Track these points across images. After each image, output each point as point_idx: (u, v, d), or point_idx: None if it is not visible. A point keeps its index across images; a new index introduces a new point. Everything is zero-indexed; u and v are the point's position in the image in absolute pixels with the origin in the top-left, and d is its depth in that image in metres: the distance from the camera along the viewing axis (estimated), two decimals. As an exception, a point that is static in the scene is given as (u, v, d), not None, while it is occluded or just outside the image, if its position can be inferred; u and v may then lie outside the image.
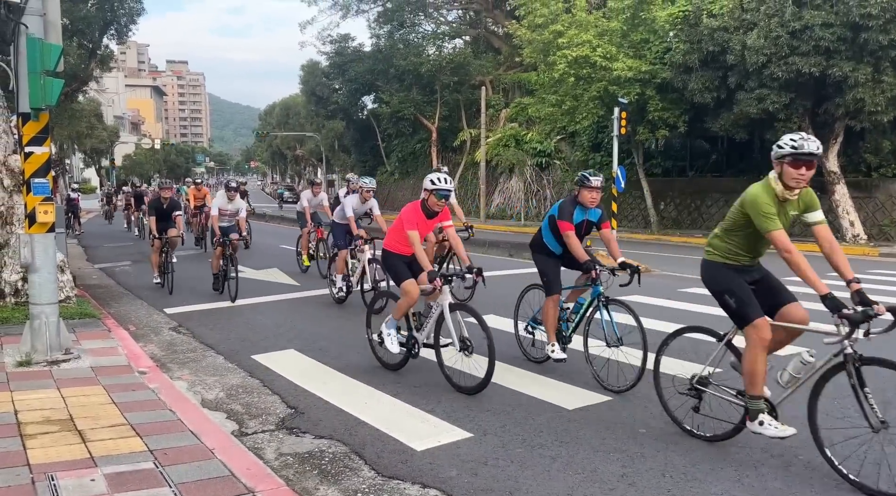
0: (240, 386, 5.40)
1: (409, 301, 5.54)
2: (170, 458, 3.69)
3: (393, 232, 5.80)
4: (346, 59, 39.70)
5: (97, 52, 23.99)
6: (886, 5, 14.32)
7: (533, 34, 22.10)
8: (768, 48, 15.90)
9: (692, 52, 17.85)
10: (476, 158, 32.78)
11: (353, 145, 47.11)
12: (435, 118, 35.95)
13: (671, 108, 19.67)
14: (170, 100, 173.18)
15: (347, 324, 7.71)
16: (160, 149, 79.50)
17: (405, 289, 5.56)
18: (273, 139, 70.37)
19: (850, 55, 15.36)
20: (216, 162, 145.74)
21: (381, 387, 5.30)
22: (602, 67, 19.50)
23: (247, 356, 6.32)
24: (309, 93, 44.90)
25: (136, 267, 13.71)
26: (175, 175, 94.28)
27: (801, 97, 16.66)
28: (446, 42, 39.57)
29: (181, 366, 5.99)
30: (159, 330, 7.56)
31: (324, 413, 4.71)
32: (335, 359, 6.21)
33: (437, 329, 5.46)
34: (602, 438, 4.19)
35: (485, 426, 4.41)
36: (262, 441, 4.20)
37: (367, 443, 4.14)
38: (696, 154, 24.56)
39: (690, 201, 23.11)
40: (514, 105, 33.35)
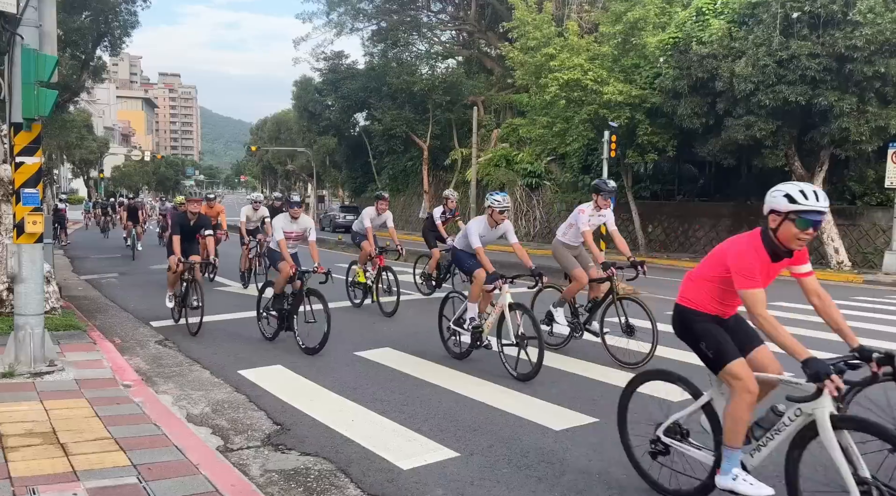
0: (226, 401, 5.37)
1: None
2: (154, 473, 3.66)
3: None
4: (340, 76, 39.93)
5: (90, 64, 24.01)
6: (871, 38, 14.63)
7: (525, 56, 22.35)
8: (756, 76, 16.16)
9: (682, 78, 18.10)
10: (467, 177, 32.94)
11: (344, 161, 47.21)
12: (427, 136, 36.15)
13: (660, 133, 19.90)
14: (161, 112, 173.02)
15: (333, 341, 7.68)
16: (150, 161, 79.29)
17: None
18: (264, 154, 70.37)
19: (835, 85, 15.64)
20: (206, 175, 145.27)
21: (368, 404, 5.28)
22: (593, 91, 19.72)
23: (233, 371, 6.29)
24: (301, 108, 45.03)
25: (123, 279, 13.62)
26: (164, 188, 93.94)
27: (788, 125, 16.92)
28: (439, 62, 39.90)
29: (167, 380, 5.94)
30: (145, 343, 7.50)
31: (310, 430, 4.68)
32: (323, 375, 6.19)
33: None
34: (588, 460, 4.19)
35: (472, 446, 4.40)
36: (247, 457, 4.17)
37: (353, 460, 4.12)
38: (685, 178, 24.81)
39: (678, 225, 23.31)
40: (506, 125, 33.61)
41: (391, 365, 6.57)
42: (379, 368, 6.47)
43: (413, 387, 5.82)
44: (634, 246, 22.91)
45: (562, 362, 6.72)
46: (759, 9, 16.44)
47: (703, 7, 18.54)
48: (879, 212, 18.24)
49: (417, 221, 36.70)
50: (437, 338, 7.45)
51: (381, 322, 9.03)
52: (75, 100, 28.01)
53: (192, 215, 8.74)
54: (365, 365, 6.61)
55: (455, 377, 6.14)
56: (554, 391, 5.70)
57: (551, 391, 5.70)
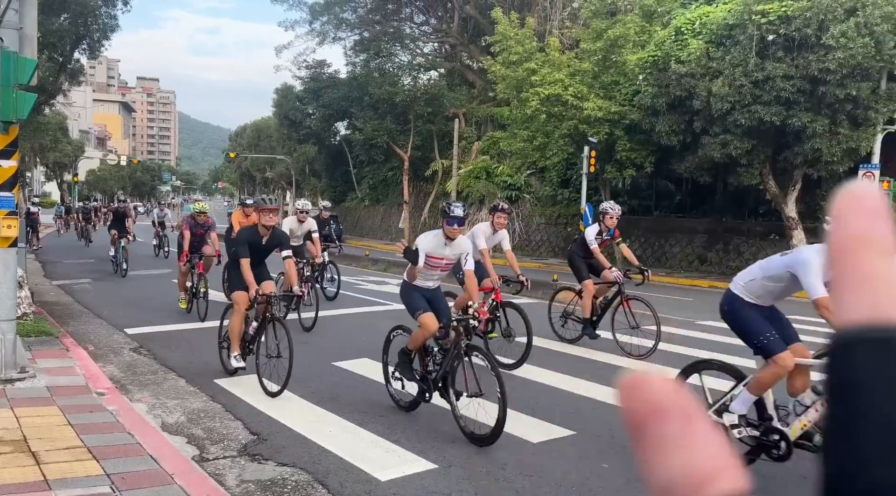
0: (202, 410, 5.31)
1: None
2: (127, 483, 3.61)
3: None
4: (321, 85, 39.87)
5: (67, 66, 23.70)
6: (843, 61, 15.02)
7: (507, 70, 22.55)
8: (732, 96, 16.48)
9: (660, 95, 18.39)
10: (447, 189, 33.03)
11: (324, 170, 47.08)
12: (408, 147, 36.21)
13: (639, 149, 20.17)
14: (138, 116, 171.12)
15: (314, 352, 7.64)
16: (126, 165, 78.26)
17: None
18: (243, 160, 69.87)
19: (808, 107, 16.01)
20: (183, 181, 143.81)
21: (346, 415, 5.26)
22: (573, 106, 19.95)
23: (210, 380, 6.22)
24: (282, 116, 44.84)
25: (97, 285, 13.40)
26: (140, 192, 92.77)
27: (763, 144, 17.26)
28: (422, 73, 40.08)
29: (141, 389, 5.86)
30: (119, 350, 7.39)
31: (287, 440, 4.65)
32: (300, 385, 6.14)
33: None
34: (565, 472, 4.22)
35: (450, 458, 4.40)
36: (223, 467, 4.13)
37: (330, 471, 4.10)
38: (662, 194, 25.15)
39: (655, 240, 23.59)
40: (487, 138, 33.82)
41: (370, 375, 6.55)
42: (358, 379, 6.45)
43: (389, 398, 5.80)
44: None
45: (541, 375, 6.76)
46: (736, 30, 16.81)
47: (682, 27, 18.90)
48: (850, 231, 18.69)
49: (397, 231, 36.68)
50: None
51: (360, 332, 8.99)
52: (51, 102, 27.58)
53: (266, 230, 6.54)
54: (344, 375, 6.58)
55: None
56: (533, 404, 5.72)
57: (530, 404, 5.72)
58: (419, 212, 37.28)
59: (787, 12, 15.69)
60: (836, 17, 15.17)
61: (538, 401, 5.82)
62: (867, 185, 0.31)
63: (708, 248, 21.51)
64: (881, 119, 16.05)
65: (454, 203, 5.46)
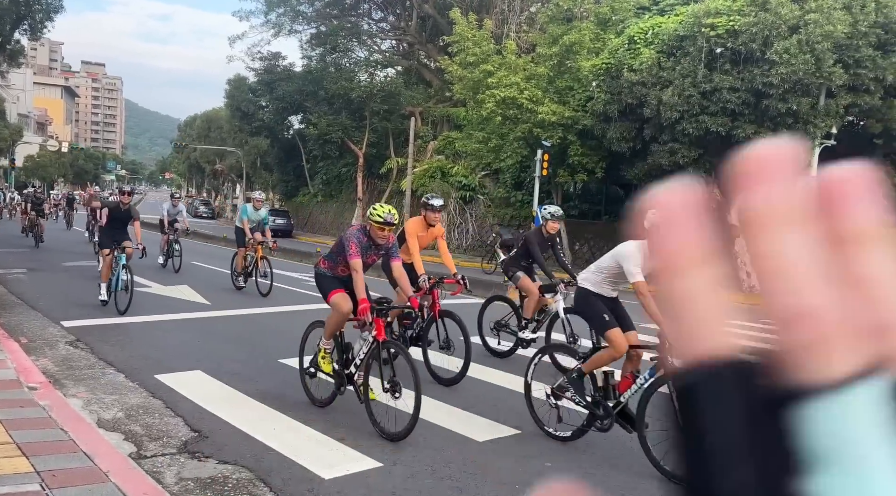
0: (140, 406, 5.16)
1: None
2: (59, 481, 3.48)
3: None
4: (276, 78, 39.22)
5: (6, 47, 22.70)
6: (785, 77, 15.62)
7: (464, 71, 22.64)
8: (681, 105, 16.94)
9: (612, 102, 18.77)
10: (402, 187, 32.95)
11: (276, 164, 46.31)
12: (363, 144, 35.96)
13: (590, 154, 20.53)
14: (82, 102, 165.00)
15: (259, 348, 7.52)
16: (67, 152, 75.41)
17: None
18: (192, 151, 68.16)
19: (752, 119, 16.59)
20: (128, 170, 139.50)
21: (291, 413, 5.19)
22: (528, 110, 20.18)
23: (150, 375, 6.04)
24: (234, 107, 43.91)
25: (33, 275, 12.86)
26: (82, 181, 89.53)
27: (709, 154, 17.80)
28: (378, 70, 39.82)
29: (77, 383, 5.66)
30: (54, 343, 7.11)
31: (229, 438, 4.56)
32: (245, 382, 6.03)
33: None
34: (509, 471, 4.26)
35: (395, 456, 4.40)
36: (161, 464, 4.02)
37: (273, 470, 4.04)
38: (611, 199, 25.67)
39: (603, 243, 24.05)
40: (442, 138, 33.87)
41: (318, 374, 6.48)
42: (304, 376, 6.36)
43: (338, 396, 5.75)
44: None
45: (487, 374, 6.81)
46: (686, 42, 17.29)
47: (636, 36, 19.32)
48: (788, 240, 19.46)
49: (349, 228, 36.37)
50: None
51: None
52: (-12, 83, 26.37)
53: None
54: (290, 372, 6.49)
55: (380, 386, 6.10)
56: (479, 403, 5.76)
57: (476, 402, 5.76)
58: (372, 209, 37.00)
59: (734, 27, 16.22)
60: (780, 33, 15.76)
61: (484, 399, 5.86)
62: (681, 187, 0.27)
63: (654, 253, 22.03)
64: (819, 133, 16.75)
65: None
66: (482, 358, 7.56)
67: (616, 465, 4.48)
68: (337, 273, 5.48)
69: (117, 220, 9.70)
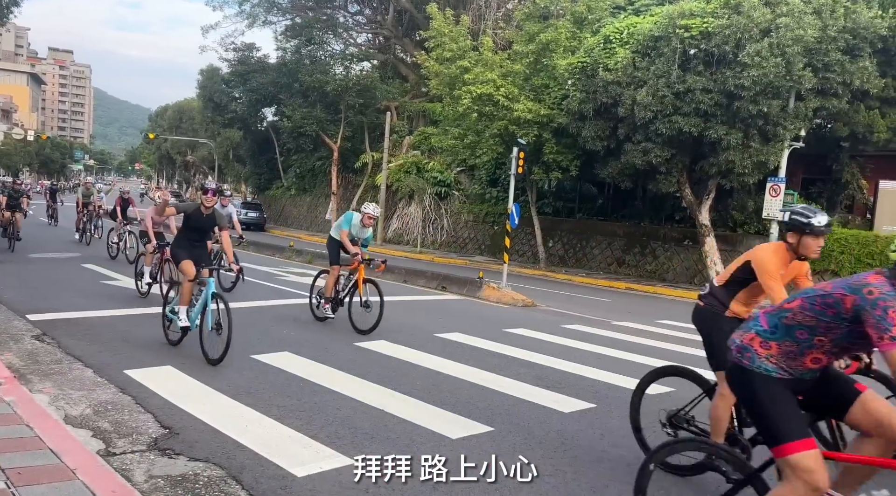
0: (109, 402, 5.07)
1: None
2: (24, 478, 3.41)
3: None
4: (249, 69, 38.71)
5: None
6: (757, 79, 15.89)
7: (440, 67, 22.60)
8: (655, 105, 17.13)
9: (587, 101, 18.91)
10: (377, 182, 32.81)
11: (249, 156, 45.76)
12: (338, 137, 35.70)
13: (565, 152, 20.66)
14: (49, 89, 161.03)
15: (232, 344, 7.43)
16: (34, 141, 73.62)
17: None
18: (163, 142, 67.03)
19: (724, 120, 16.85)
20: (97, 160, 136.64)
21: (263, 409, 5.15)
22: (504, 107, 20.22)
23: (119, 371, 5.94)
24: (206, 98, 43.25)
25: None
26: (49, 170, 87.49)
27: (682, 154, 18.04)
28: (354, 63, 39.51)
29: (43, 379, 5.54)
30: (19, 337, 6.95)
31: (201, 434, 4.51)
32: (216, 378, 5.97)
33: None
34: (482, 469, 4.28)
35: (367, 453, 4.39)
36: (130, 462, 3.96)
37: (245, 467, 4.01)
38: (585, 197, 25.89)
39: (577, 241, 24.26)
40: (418, 133, 33.79)
41: (290, 369, 6.45)
42: (277, 373, 6.33)
43: (311, 392, 5.73)
44: (535, 259, 23.66)
45: (460, 371, 6.83)
46: (661, 42, 17.48)
47: (611, 35, 19.48)
48: (757, 239, 19.77)
49: (324, 223, 36.13)
50: (339, 343, 7.40)
51: (281, 324, 8.82)
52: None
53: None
54: (262, 369, 6.45)
55: (354, 383, 6.10)
56: (452, 400, 5.78)
57: (450, 400, 5.78)
58: (347, 203, 36.82)
59: (708, 28, 16.44)
60: (751, 36, 16.02)
61: (457, 397, 5.88)
62: None
63: (626, 251, 22.30)
64: (788, 135, 17.08)
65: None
66: (455, 354, 7.59)
67: (600, 459, 4.53)
68: None
69: (196, 230, 7.37)
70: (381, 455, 4.36)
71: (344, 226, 8.93)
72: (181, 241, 7.41)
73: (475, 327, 9.57)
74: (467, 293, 13.92)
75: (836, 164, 19.44)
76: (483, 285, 13.96)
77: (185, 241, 7.33)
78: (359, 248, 8.86)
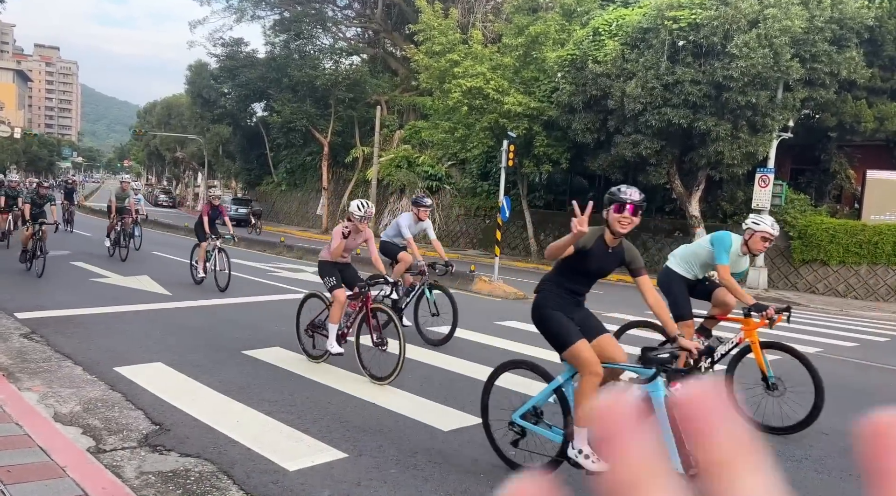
0: (99, 399, 5.05)
1: None
2: (13, 476, 3.39)
3: None
4: (238, 64, 38.48)
5: (-45, 27, 21.79)
6: (745, 70, 15.95)
7: (430, 60, 22.55)
8: (644, 97, 17.17)
9: (577, 93, 18.92)
10: (367, 176, 32.73)
11: (238, 152, 45.54)
12: (328, 132, 35.57)
13: (555, 145, 20.68)
14: (36, 86, 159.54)
15: (221, 339, 7.42)
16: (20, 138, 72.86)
17: None
18: (151, 138, 66.52)
19: (713, 111, 16.91)
20: (85, 157, 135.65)
21: (255, 404, 5.14)
22: (494, 100, 20.21)
23: (109, 368, 5.92)
24: (195, 94, 42.98)
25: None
26: (36, 168, 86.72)
27: (671, 145, 18.09)
28: (343, 58, 39.36)
29: (32, 377, 5.51)
30: (8, 336, 6.91)
31: (192, 430, 4.50)
32: (207, 374, 5.95)
33: None
34: (474, 459, 4.30)
35: (360, 446, 4.40)
36: (121, 458, 3.95)
37: (236, 462, 4.01)
38: (576, 190, 25.92)
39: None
40: (409, 127, 33.71)
41: (281, 365, 6.44)
42: (268, 368, 6.32)
43: (303, 387, 5.73)
44: (527, 252, 23.68)
45: (452, 364, 6.85)
46: (649, 34, 17.50)
47: (600, 28, 19.48)
48: (746, 230, 19.91)
49: (314, 218, 36.03)
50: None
51: (272, 320, 8.80)
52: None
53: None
54: (253, 364, 6.43)
55: (345, 377, 6.10)
56: (444, 392, 5.79)
57: (442, 392, 5.79)
58: (338, 198, 36.73)
59: (696, 20, 16.47)
60: (739, 27, 16.07)
61: (449, 389, 5.89)
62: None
63: (617, 243, 22.35)
64: (777, 126, 17.16)
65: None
66: (447, 347, 7.60)
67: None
68: None
69: None
70: (374, 448, 4.37)
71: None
72: None
73: (467, 320, 9.58)
74: (459, 286, 13.92)
75: (825, 154, 19.56)
76: (475, 278, 13.97)
77: None
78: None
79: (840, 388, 7.16)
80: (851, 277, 18.13)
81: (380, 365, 5.97)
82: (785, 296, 17.17)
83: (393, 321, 6.05)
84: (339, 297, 6.32)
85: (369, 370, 6.02)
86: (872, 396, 6.92)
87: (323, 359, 6.58)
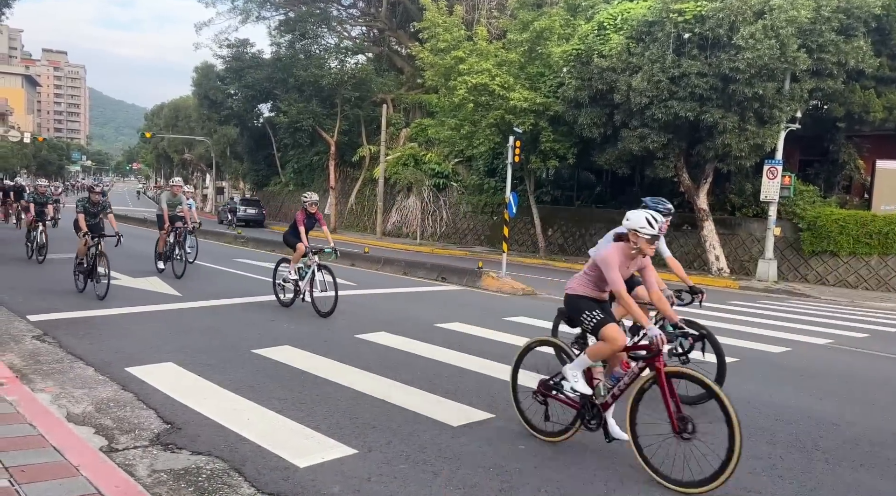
0: (111, 399, 5.10)
1: None
2: (28, 476, 3.43)
3: None
4: (244, 65, 38.60)
5: (-37, 33, 21.96)
6: (751, 62, 15.85)
7: (435, 58, 22.54)
8: (650, 91, 17.09)
9: (583, 88, 18.86)
10: (374, 175, 32.79)
11: (246, 153, 45.71)
12: (334, 132, 35.64)
13: (562, 140, 20.64)
14: (44, 91, 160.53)
15: (231, 338, 7.47)
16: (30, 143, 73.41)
17: None
18: (160, 141, 66.87)
19: (720, 103, 16.81)
20: (94, 161, 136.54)
21: (265, 402, 5.18)
22: (500, 96, 20.18)
23: (120, 368, 5.97)
24: (202, 95, 43.14)
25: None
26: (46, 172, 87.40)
27: (678, 138, 18.01)
28: (349, 57, 39.41)
29: (45, 378, 5.57)
30: (20, 338, 6.98)
31: (202, 428, 4.54)
32: (217, 373, 6.00)
33: None
34: (483, 454, 4.32)
35: (370, 442, 4.42)
36: (133, 457, 3.99)
37: (247, 459, 4.04)
38: (583, 185, 25.87)
39: (576, 229, 24.26)
40: (415, 125, 33.72)
41: (290, 363, 6.47)
42: (277, 366, 6.36)
43: (312, 384, 5.76)
44: (534, 248, 23.66)
45: (460, 360, 6.86)
46: (655, 27, 17.42)
47: (605, 22, 19.41)
48: (755, 223, 19.79)
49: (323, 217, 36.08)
50: (339, 336, 7.42)
51: (281, 319, 8.85)
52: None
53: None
54: (263, 362, 6.47)
55: (354, 374, 6.13)
56: (453, 388, 5.81)
57: (450, 387, 5.81)
58: (346, 198, 36.82)
59: (701, 12, 16.38)
60: (745, 19, 15.96)
61: (458, 385, 5.91)
62: None
63: (626, 238, 22.28)
64: (784, 117, 17.06)
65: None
66: (455, 343, 7.62)
67: (595, 449, 4.56)
68: None
69: None
70: (383, 444, 4.40)
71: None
72: None
73: (475, 316, 9.61)
74: (467, 283, 13.94)
75: (833, 145, 19.43)
76: (483, 275, 13.98)
77: None
78: None
79: (851, 379, 7.12)
80: (862, 268, 18.01)
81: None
82: (795, 288, 17.09)
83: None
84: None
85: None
86: (883, 387, 6.89)
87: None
